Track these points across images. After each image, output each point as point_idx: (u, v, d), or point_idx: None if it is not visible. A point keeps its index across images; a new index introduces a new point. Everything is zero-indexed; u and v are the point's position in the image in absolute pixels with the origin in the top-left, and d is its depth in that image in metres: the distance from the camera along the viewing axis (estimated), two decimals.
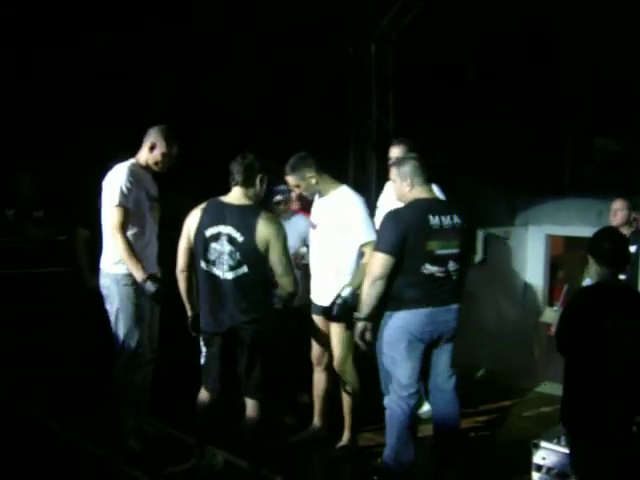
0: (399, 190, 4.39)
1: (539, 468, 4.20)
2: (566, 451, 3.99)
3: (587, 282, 5.48)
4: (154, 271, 4.67)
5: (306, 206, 5.35)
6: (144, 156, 4.69)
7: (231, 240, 4.05)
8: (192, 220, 4.19)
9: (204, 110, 7.51)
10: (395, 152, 5.27)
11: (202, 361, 4.31)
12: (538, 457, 4.21)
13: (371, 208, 5.38)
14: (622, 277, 5.37)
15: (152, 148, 4.66)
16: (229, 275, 4.08)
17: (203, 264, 4.14)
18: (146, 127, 4.74)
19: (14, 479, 4.46)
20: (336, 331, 4.71)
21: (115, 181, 4.53)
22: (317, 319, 4.87)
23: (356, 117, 8.72)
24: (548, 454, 4.15)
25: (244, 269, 4.06)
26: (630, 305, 3.43)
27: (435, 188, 4.59)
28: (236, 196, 4.18)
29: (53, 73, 6.80)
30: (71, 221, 5.98)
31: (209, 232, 4.11)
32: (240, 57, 7.68)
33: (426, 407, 4.73)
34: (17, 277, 6.16)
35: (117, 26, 6.99)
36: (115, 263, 4.61)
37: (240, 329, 4.11)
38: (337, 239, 4.66)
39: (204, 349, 4.29)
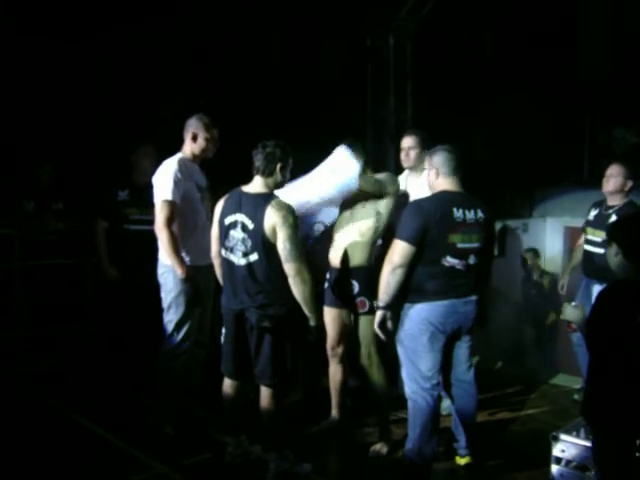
0: (429, 179, 4.38)
1: (558, 461, 4.18)
2: (585, 444, 3.98)
3: None
4: (210, 262, 4.74)
5: None
6: (189, 148, 4.81)
7: (244, 227, 4.16)
8: (218, 209, 4.36)
9: (219, 99, 7.51)
10: (406, 143, 5.27)
11: (221, 341, 4.48)
12: (557, 450, 4.18)
13: None
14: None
15: (195, 138, 4.77)
16: (242, 261, 4.19)
17: (223, 250, 4.30)
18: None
19: (30, 468, 4.50)
20: (366, 325, 4.67)
21: (164, 176, 4.65)
22: (332, 310, 4.88)
23: (374, 109, 8.72)
24: (568, 447, 4.14)
25: (255, 256, 4.15)
26: None
27: None
28: (255, 185, 4.26)
29: (74, 65, 6.80)
30: (90, 213, 6.01)
31: (228, 220, 4.25)
32: (257, 48, 7.65)
33: (446, 403, 4.72)
34: (37, 269, 6.20)
35: (135, 18, 6.98)
36: None
37: (248, 311, 4.22)
38: None
39: (223, 330, 4.44)
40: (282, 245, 4.08)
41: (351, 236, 4.73)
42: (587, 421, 3.59)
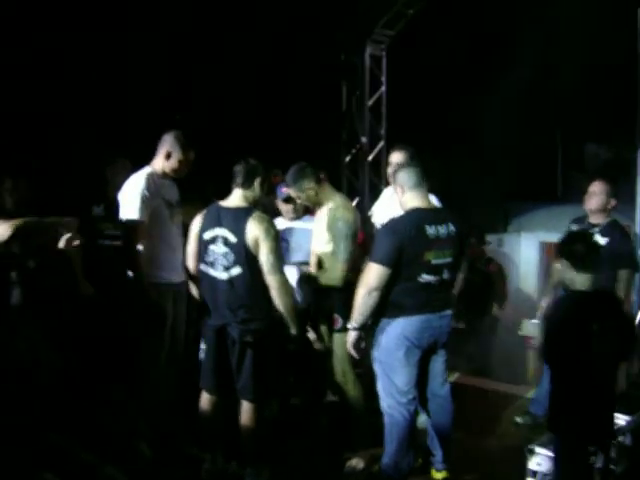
0: (398, 197, 4.38)
1: (534, 474, 4.20)
2: None
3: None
4: (182, 279, 4.71)
5: None
6: (160, 164, 4.68)
7: (226, 242, 4.15)
8: (195, 225, 4.33)
9: (196, 115, 7.50)
10: (395, 158, 5.18)
11: (201, 357, 4.46)
12: (533, 463, 4.20)
13: (364, 213, 5.37)
14: None
15: (168, 156, 4.64)
16: (224, 275, 4.17)
17: (202, 265, 4.28)
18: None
19: None
20: (339, 343, 4.65)
21: (131, 194, 4.53)
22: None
23: (348, 124, 8.75)
24: (543, 460, 4.15)
25: (237, 269, 4.14)
26: (611, 309, 3.53)
27: (432, 197, 4.57)
28: (234, 198, 4.26)
29: (46, 76, 6.74)
30: None
31: (207, 235, 4.23)
32: (234, 64, 7.66)
33: (422, 417, 4.71)
34: None
35: (111, 26, 6.95)
36: None
37: (230, 326, 4.20)
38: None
39: (202, 345, 4.43)
40: (265, 258, 4.09)
41: (320, 248, 4.67)
42: (551, 431, 3.68)
